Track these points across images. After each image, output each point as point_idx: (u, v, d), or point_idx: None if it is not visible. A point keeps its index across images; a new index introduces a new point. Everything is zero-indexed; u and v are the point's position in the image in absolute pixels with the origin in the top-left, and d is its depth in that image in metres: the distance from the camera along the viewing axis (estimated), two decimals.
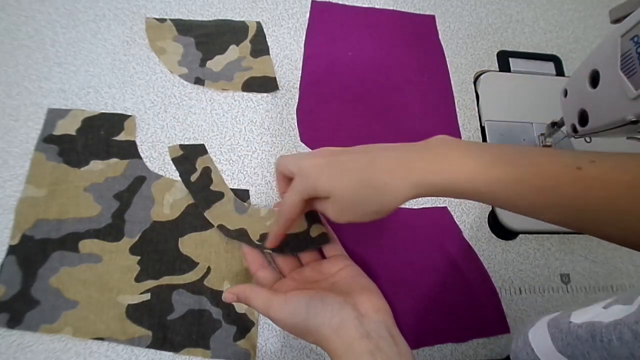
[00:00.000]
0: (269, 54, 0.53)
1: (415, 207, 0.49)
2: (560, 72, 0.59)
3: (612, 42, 0.37)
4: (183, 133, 0.48)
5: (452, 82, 0.56)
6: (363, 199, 0.32)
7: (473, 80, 0.57)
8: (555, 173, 0.29)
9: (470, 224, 0.49)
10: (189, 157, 0.46)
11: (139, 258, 0.41)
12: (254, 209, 0.44)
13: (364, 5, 0.59)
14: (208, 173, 0.46)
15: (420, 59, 0.57)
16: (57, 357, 0.37)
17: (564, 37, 0.63)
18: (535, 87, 0.57)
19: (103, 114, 0.46)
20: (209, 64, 0.51)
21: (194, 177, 0.45)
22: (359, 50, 0.56)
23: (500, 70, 0.58)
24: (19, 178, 0.43)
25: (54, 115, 0.45)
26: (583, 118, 0.39)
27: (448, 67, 0.57)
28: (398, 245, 0.46)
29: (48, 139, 0.44)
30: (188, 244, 0.43)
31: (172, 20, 0.53)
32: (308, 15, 0.57)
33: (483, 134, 0.54)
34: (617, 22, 0.40)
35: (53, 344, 0.38)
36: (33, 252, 0.40)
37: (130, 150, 0.46)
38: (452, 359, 0.43)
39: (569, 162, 0.29)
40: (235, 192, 0.45)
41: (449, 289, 0.45)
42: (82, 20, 0.51)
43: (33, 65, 0.48)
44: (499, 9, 0.63)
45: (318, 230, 0.41)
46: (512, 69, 0.58)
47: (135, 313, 0.39)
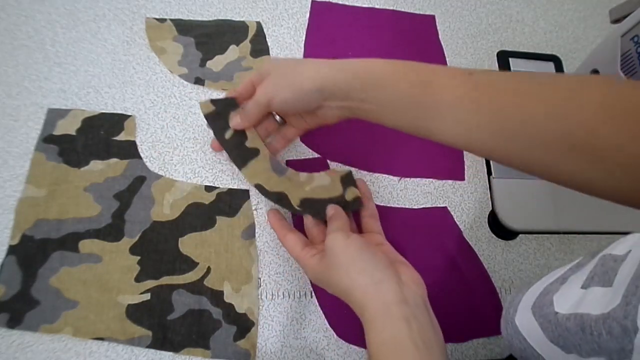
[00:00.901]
0: (269, 54, 0.53)
1: (416, 207, 0.49)
2: (560, 72, 0.59)
3: (612, 42, 0.37)
4: (183, 133, 0.47)
5: None
6: (293, 74, 0.38)
7: None
8: (454, 75, 0.33)
9: (470, 224, 0.49)
10: (222, 112, 0.43)
11: (139, 258, 0.41)
12: (293, 172, 0.43)
13: (364, 5, 0.59)
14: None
15: (420, 59, 0.57)
16: (57, 357, 0.37)
17: (564, 37, 0.63)
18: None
19: (103, 114, 0.46)
20: (209, 64, 0.51)
21: (228, 134, 0.43)
22: (359, 50, 0.56)
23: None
24: (19, 178, 0.43)
25: (54, 115, 0.45)
26: None
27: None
28: (398, 245, 0.46)
29: (48, 139, 0.44)
30: (188, 244, 0.43)
31: (172, 20, 0.53)
32: (308, 15, 0.57)
33: None
34: (617, 22, 0.40)
35: (53, 344, 0.38)
36: (33, 252, 0.40)
37: (130, 150, 0.46)
38: (452, 359, 0.43)
39: (466, 70, 0.33)
40: (235, 191, 0.45)
41: (449, 289, 0.45)
42: (82, 20, 0.51)
43: (33, 65, 0.48)
44: (499, 9, 0.63)
45: (353, 194, 0.41)
46: (512, 69, 0.58)
47: (135, 313, 0.39)
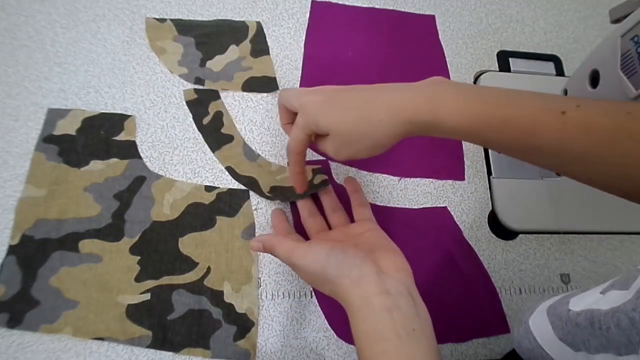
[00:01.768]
0: (269, 54, 0.53)
1: (416, 207, 0.49)
2: (560, 72, 0.59)
3: (612, 42, 0.37)
4: (183, 133, 0.47)
5: None
6: (360, 135, 0.34)
7: (473, 80, 0.57)
8: (539, 116, 0.30)
9: (470, 224, 0.49)
10: (203, 100, 0.49)
11: (139, 258, 0.41)
12: (265, 160, 0.46)
13: (364, 5, 0.59)
14: (220, 117, 0.48)
15: (420, 59, 0.57)
16: (57, 357, 0.37)
17: (564, 37, 0.63)
18: (536, 87, 0.57)
19: (103, 114, 0.46)
20: (209, 64, 0.51)
21: (206, 120, 0.48)
22: (359, 50, 0.56)
23: (500, 70, 0.58)
24: (19, 178, 0.43)
25: (54, 115, 0.45)
26: None
27: (448, 67, 0.57)
28: (398, 245, 0.46)
29: (48, 139, 0.44)
30: (188, 244, 0.43)
31: (172, 20, 0.53)
32: (308, 15, 0.57)
33: None
34: (617, 22, 0.40)
35: (53, 344, 0.38)
36: (33, 252, 0.40)
37: (130, 150, 0.46)
38: (452, 359, 0.43)
39: (554, 106, 0.30)
40: (235, 192, 0.45)
41: (449, 289, 0.45)
42: (82, 20, 0.51)
43: (33, 65, 0.48)
44: (499, 9, 0.63)
45: (320, 178, 0.45)
46: (512, 69, 0.58)
47: (135, 313, 0.39)
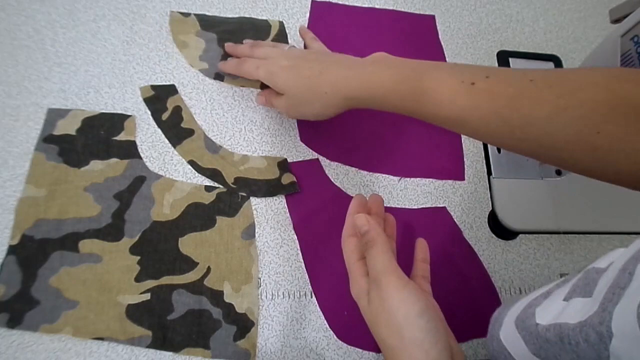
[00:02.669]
0: None
1: (415, 207, 0.49)
2: None
3: (612, 42, 0.37)
4: None
5: None
6: (307, 101, 0.41)
7: None
8: (453, 87, 0.33)
9: (470, 224, 0.49)
10: (160, 96, 0.48)
11: (139, 258, 0.41)
12: (227, 151, 0.47)
13: (364, 5, 0.59)
14: (179, 111, 0.48)
15: (420, 59, 0.57)
16: (57, 357, 0.37)
17: (564, 37, 0.63)
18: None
19: (103, 114, 0.46)
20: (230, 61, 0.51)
21: (165, 115, 0.47)
22: (359, 50, 0.55)
23: None
24: (19, 178, 0.43)
25: (54, 115, 0.45)
26: None
27: None
28: (398, 245, 0.46)
29: (48, 139, 0.44)
30: (188, 244, 0.43)
31: (196, 15, 0.53)
32: (308, 15, 0.57)
33: None
34: (617, 22, 0.40)
35: (53, 344, 0.38)
36: (33, 252, 0.40)
37: (130, 150, 0.46)
38: None
39: (467, 77, 0.33)
40: (235, 192, 0.45)
41: (449, 289, 0.45)
42: (82, 20, 0.51)
43: (33, 65, 0.48)
44: (499, 9, 0.63)
45: (289, 179, 0.46)
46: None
47: (135, 313, 0.39)
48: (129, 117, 0.47)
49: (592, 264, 0.29)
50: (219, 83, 0.50)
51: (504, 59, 0.59)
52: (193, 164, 0.46)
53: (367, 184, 0.49)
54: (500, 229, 0.48)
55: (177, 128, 0.47)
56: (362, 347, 0.42)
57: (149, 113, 0.48)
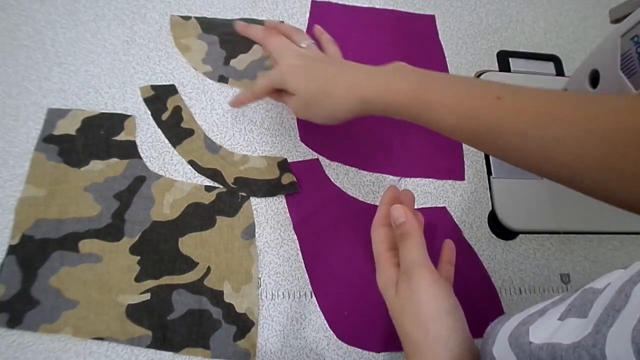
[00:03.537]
0: None
1: (415, 207, 0.49)
2: (560, 72, 0.59)
3: (612, 42, 0.37)
4: None
5: None
6: (319, 103, 0.39)
7: None
8: (477, 101, 0.32)
9: (470, 224, 0.49)
10: (160, 96, 0.48)
11: (139, 258, 0.41)
12: (227, 151, 0.47)
13: (364, 5, 0.59)
14: (179, 111, 0.48)
15: (420, 59, 0.57)
16: (57, 357, 0.37)
17: (564, 37, 0.63)
18: (536, 87, 0.57)
19: (103, 114, 0.46)
20: (233, 63, 0.51)
21: (165, 115, 0.47)
22: (359, 50, 0.56)
23: (500, 70, 0.58)
24: (19, 178, 0.43)
25: (54, 115, 0.45)
26: None
27: (448, 67, 0.57)
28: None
29: (48, 139, 0.44)
30: (188, 244, 0.43)
31: (196, 18, 0.53)
32: (308, 15, 0.57)
33: None
34: (617, 22, 0.40)
35: (53, 344, 0.38)
36: (33, 252, 0.40)
37: (130, 150, 0.46)
38: None
39: (492, 92, 0.32)
40: (235, 192, 0.45)
41: None
42: (82, 20, 0.51)
43: (33, 65, 0.48)
44: (499, 9, 0.63)
45: (289, 179, 0.46)
46: (512, 69, 0.58)
47: (135, 313, 0.39)
48: (129, 117, 0.47)
49: (589, 284, 0.29)
50: (219, 83, 0.50)
51: (504, 59, 0.59)
52: (193, 164, 0.46)
53: (367, 184, 0.49)
54: (500, 229, 0.48)
55: (177, 128, 0.47)
56: (362, 347, 0.42)
57: (149, 113, 0.47)
